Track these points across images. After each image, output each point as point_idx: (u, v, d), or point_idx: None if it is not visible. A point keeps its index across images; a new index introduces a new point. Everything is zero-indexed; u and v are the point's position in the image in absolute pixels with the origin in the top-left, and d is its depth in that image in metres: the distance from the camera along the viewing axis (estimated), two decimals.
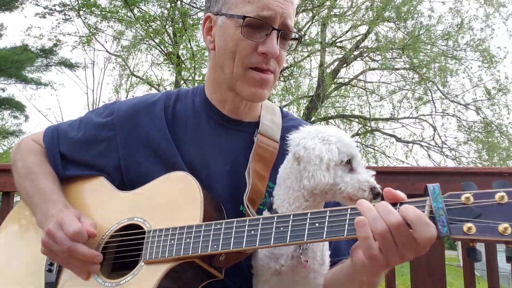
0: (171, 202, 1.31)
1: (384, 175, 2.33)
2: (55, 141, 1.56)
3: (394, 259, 0.97)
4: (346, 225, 1.02)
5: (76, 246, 1.26)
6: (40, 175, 1.50)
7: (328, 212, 1.05)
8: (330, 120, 14.65)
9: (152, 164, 1.43)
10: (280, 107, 1.64)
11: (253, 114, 1.53)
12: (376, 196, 1.16)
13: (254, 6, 1.33)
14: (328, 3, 13.08)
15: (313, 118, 12.81)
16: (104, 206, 1.44)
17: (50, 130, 1.61)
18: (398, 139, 14.72)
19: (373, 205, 0.99)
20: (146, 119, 1.49)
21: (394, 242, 0.96)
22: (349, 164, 1.20)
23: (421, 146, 14.80)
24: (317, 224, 1.05)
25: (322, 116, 14.26)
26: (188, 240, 1.19)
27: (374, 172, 1.19)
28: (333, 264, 1.35)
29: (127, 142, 1.48)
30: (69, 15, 14.18)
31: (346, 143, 1.21)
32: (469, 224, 0.90)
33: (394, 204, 0.99)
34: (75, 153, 1.54)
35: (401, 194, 1.00)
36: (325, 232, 1.04)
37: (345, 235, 1.02)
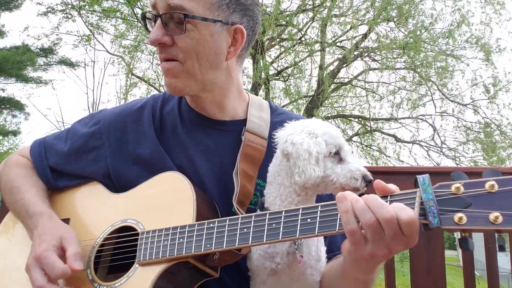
0: (164, 202, 1.30)
1: (384, 175, 2.33)
2: (43, 155, 1.54)
3: (382, 250, 0.96)
4: (338, 219, 1.01)
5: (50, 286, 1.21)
6: (22, 188, 1.47)
7: (319, 207, 1.05)
8: (330, 120, 14.56)
9: (141, 171, 1.41)
10: (268, 101, 1.61)
11: (233, 112, 1.48)
12: (368, 183, 1.17)
13: None
14: (328, 3, 13.08)
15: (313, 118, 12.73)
16: (97, 208, 1.43)
17: (37, 143, 1.58)
18: (398, 139, 14.68)
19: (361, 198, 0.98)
20: (134, 125, 1.48)
21: (383, 232, 0.94)
22: (337, 155, 1.21)
23: (421, 146, 14.78)
24: (309, 220, 1.05)
25: (323, 116, 14.20)
26: (181, 240, 1.19)
27: (363, 160, 1.19)
28: (329, 259, 1.34)
29: (116, 150, 1.46)
30: (70, 14, 14.15)
31: (332, 135, 1.22)
32: (460, 214, 0.90)
33: (384, 197, 0.98)
34: (64, 165, 1.52)
35: (392, 187, 0.99)
36: (317, 227, 1.04)
37: (337, 230, 1.02)
